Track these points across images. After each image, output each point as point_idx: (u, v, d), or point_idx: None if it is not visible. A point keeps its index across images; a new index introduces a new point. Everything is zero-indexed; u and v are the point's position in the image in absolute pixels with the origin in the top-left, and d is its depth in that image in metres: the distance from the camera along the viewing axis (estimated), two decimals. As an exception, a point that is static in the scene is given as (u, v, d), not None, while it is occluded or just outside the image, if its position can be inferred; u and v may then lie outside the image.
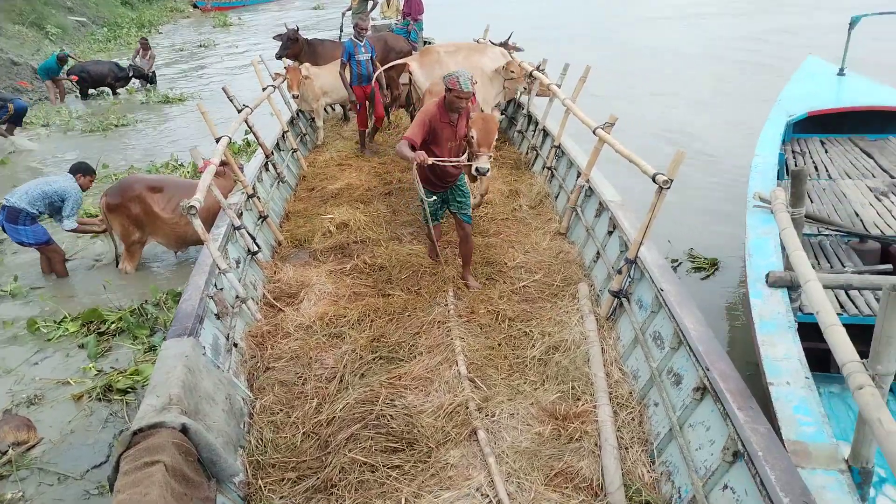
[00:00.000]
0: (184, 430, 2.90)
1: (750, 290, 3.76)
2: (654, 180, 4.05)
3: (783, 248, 3.97)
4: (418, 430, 3.61)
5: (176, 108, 13.64)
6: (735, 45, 17.28)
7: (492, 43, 10.21)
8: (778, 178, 5.52)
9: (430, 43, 11.83)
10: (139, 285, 6.37)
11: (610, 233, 5.17)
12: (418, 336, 4.57)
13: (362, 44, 8.28)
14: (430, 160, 4.57)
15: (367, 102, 8.60)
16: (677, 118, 11.41)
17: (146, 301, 5.84)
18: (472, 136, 4.88)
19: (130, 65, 15.07)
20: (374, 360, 4.32)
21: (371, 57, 8.39)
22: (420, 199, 4.99)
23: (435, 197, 5.03)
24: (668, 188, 3.99)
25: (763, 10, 22.36)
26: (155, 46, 20.56)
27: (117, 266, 6.67)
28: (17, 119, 11.12)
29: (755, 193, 4.77)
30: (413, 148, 4.61)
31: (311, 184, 7.86)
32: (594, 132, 5.42)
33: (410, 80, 8.62)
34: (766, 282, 3.74)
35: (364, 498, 3.20)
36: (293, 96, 8.87)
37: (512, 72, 8.26)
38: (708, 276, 6.42)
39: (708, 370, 3.11)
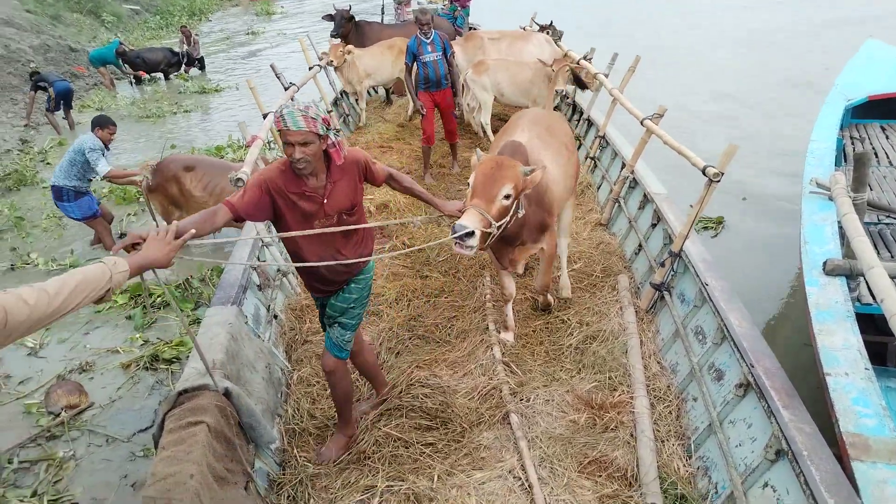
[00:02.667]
0: (226, 393, 2.97)
1: (805, 278, 3.63)
2: (703, 173, 3.96)
3: (841, 236, 3.85)
4: (452, 410, 3.62)
5: (221, 97, 13.79)
6: (784, 30, 16.75)
7: (537, 25, 10.11)
8: (836, 165, 5.33)
9: (475, 29, 11.76)
10: (184, 262, 6.48)
11: (653, 225, 5.08)
12: (455, 318, 4.57)
13: (429, 41, 6.74)
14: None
15: (439, 112, 7.11)
16: (721, 106, 11.17)
17: (191, 276, 5.97)
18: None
19: (182, 51, 15.41)
20: (410, 339, 4.36)
21: (444, 54, 6.83)
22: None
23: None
24: (719, 181, 3.90)
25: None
26: (206, 34, 20.87)
27: None
28: (63, 100, 11.01)
29: (812, 179, 4.59)
30: (238, 219, 2.86)
31: (351, 164, 7.89)
32: (642, 123, 5.32)
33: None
34: (824, 270, 3.62)
35: (397, 472, 3.23)
36: (329, 64, 8.94)
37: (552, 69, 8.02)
38: (717, 234, 6.94)
39: (752, 367, 3.05)
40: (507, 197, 3.21)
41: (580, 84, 8.12)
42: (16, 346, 5.15)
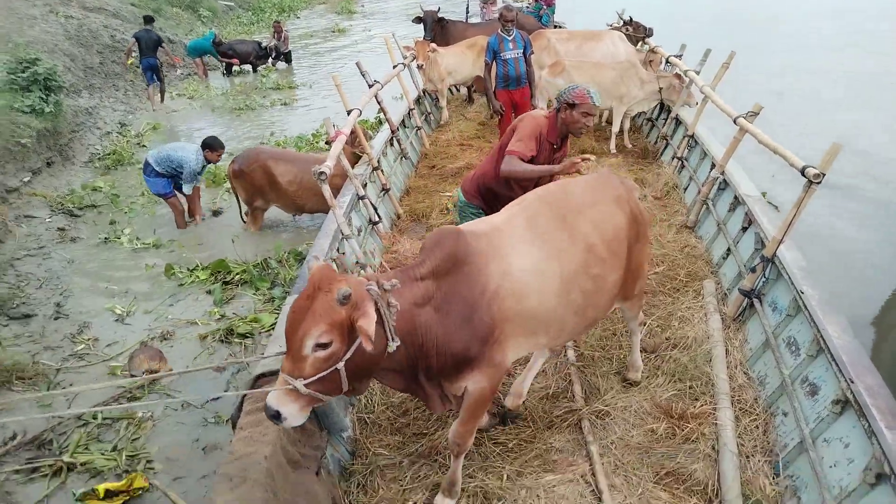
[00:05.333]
0: (302, 379, 3.02)
1: None
2: (802, 174, 3.72)
3: None
4: (524, 410, 3.56)
5: (304, 91, 14.16)
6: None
7: (621, 21, 9.81)
8: None
9: (561, 28, 11.58)
10: (263, 243, 6.82)
11: (744, 229, 4.81)
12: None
13: (510, 38, 6.66)
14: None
15: (515, 110, 6.92)
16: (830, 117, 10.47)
17: (269, 257, 6.22)
18: None
19: (271, 45, 16.03)
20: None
21: (524, 53, 6.78)
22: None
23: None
24: (819, 183, 3.65)
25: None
26: (293, 29, 21.63)
27: (244, 222, 7.15)
28: (153, 74, 12.20)
29: None
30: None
31: (432, 161, 7.95)
32: (735, 121, 5.08)
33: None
34: None
35: (467, 469, 3.20)
36: (418, 66, 9.04)
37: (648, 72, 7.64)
38: None
39: (852, 382, 2.82)
40: (321, 347, 2.21)
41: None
42: (105, 311, 5.56)
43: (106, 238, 7.00)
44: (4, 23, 11.17)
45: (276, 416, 2.26)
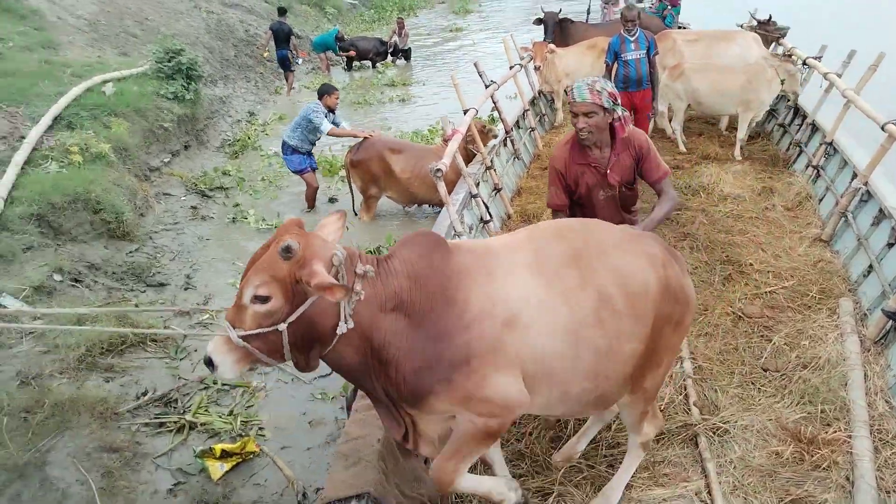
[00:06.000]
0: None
1: None
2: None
3: None
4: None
5: (421, 88, 14.43)
6: None
7: (755, 21, 9.24)
8: None
9: (684, 28, 11.09)
10: (375, 232, 7.06)
11: (890, 245, 4.40)
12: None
13: (633, 38, 6.48)
14: None
15: (634, 113, 6.49)
16: None
17: (381, 245, 6.46)
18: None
19: (392, 41, 16.48)
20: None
21: (647, 54, 6.53)
22: None
23: None
24: None
25: None
26: (413, 27, 22.16)
27: (356, 214, 7.36)
28: (281, 65, 13.36)
29: None
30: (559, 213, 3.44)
31: (544, 163, 7.83)
32: (883, 128, 4.66)
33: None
34: None
35: (572, 477, 3.12)
36: (535, 67, 8.98)
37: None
38: None
39: None
40: (259, 300, 2.05)
41: None
42: (228, 286, 5.90)
43: (234, 218, 7.47)
44: (155, 17, 12.22)
45: (209, 363, 2.09)
